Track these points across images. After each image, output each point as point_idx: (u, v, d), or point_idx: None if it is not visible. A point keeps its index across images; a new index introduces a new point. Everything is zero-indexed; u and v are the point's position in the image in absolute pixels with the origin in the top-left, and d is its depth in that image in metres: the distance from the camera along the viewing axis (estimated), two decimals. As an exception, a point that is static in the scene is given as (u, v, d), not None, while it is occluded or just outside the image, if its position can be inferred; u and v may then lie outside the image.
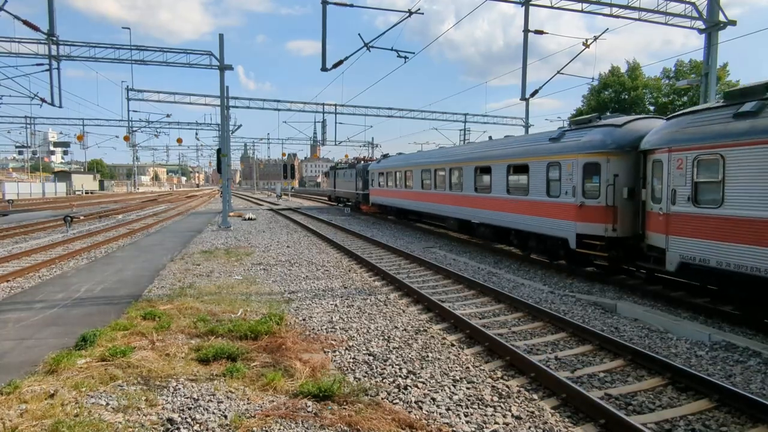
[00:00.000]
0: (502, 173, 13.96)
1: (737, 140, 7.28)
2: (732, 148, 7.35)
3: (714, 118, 7.81)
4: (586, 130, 11.17)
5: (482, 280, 10.83)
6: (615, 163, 10.18)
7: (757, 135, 7.01)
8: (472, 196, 15.88)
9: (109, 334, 6.38)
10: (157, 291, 9.18)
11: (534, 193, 12.40)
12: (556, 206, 11.50)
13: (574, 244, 10.90)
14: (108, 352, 5.67)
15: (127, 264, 12.10)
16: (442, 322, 7.74)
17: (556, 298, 9.30)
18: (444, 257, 14.08)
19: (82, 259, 13.27)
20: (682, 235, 8.24)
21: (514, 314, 8.30)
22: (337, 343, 6.46)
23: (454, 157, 17.75)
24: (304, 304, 8.52)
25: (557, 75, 22.21)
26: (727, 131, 7.47)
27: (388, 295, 9.35)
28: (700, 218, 7.93)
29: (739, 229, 7.20)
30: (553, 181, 11.70)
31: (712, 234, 7.65)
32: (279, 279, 10.63)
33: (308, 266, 12.28)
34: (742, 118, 7.27)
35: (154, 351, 5.91)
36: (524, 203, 12.77)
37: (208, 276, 10.71)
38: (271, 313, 7.49)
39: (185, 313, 7.54)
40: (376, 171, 28.22)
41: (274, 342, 6.26)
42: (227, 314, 7.59)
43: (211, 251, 14.30)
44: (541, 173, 12.13)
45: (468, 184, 16.18)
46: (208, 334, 6.56)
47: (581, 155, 10.79)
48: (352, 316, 7.83)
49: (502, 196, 13.92)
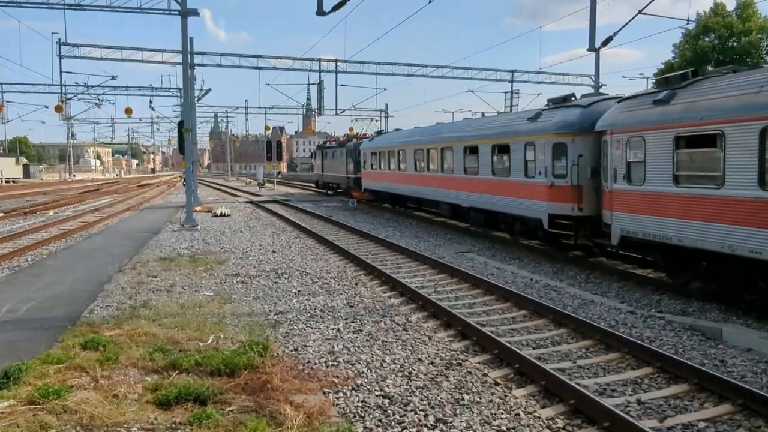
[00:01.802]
0: (488, 154, 17.43)
1: (652, 125, 10.68)
2: (649, 132, 10.78)
3: (642, 103, 11.27)
4: (558, 110, 14.55)
5: (537, 296, 10.78)
6: (579, 144, 13.48)
7: (665, 121, 10.38)
8: (461, 179, 19.34)
9: (39, 368, 6.48)
10: (102, 311, 9.30)
11: (515, 174, 15.88)
12: (532, 187, 14.93)
13: (547, 224, 14.21)
14: (38, 393, 5.76)
15: (61, 275, 12.29)
16: (481, 354, 7.72)
17: (637, 321, 9.22)
18: (484, 265, 14.06)
19: (1, 269, 13.52)
20: (621, 210, 11.71)
21: (580, 342, 8.24)
22: (340, 381, 6.48)
23: (445, 135, 21.29)
24: (296, 328, 8.56)
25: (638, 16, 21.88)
26: (646, 117, 10.89)
27: (409, 316, 9.36)
28: (632, 194, 11.40)
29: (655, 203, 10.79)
30: (530, 161, 15.06)
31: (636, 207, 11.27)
32: (262, 295, 10.70)
33: (301, 278, 12.33)
34: (658, 104, 10.65)
35: (98, 391, 5.99)
36: (507, 184, 16.29)
37: (168, 291, 10.82)
38: (252, 340, 7.53)
39: (138, 341, 7.63)
40: (369, 151, 31.24)
41: (256, 379, 6.30)
42: (194, 342, 7.65)
43: (172, 258, 14.46)
44: (520, 153, 15.54)
45: (458, 166, 19.60)
46: (169, 368, 6.62)
47: (551, 135, 14.15)
48: (361, 344, 7.84)
49: (488, 178, 17.45)
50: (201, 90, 46.08)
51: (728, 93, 9.37)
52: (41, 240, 17.80)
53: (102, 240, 18.18)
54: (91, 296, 10.38)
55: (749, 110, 8.77)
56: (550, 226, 14.19)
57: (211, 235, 19.43)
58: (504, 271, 13.33)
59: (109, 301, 9.98)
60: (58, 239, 18.45)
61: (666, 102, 10.54)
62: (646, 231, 10.99)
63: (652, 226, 10.85)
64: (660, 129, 10.56)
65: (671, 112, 10.36)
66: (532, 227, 15.51)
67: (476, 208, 18.55)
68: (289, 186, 60.73)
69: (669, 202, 10.41)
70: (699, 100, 9.86)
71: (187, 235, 19.14)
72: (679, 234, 10.16)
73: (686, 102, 10.16)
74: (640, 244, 11.41)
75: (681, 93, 10.46)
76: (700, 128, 9.71)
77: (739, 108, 8.95)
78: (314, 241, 18.22)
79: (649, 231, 10.90)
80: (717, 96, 9.54)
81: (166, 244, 17.17)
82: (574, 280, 12.39)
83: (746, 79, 9.36)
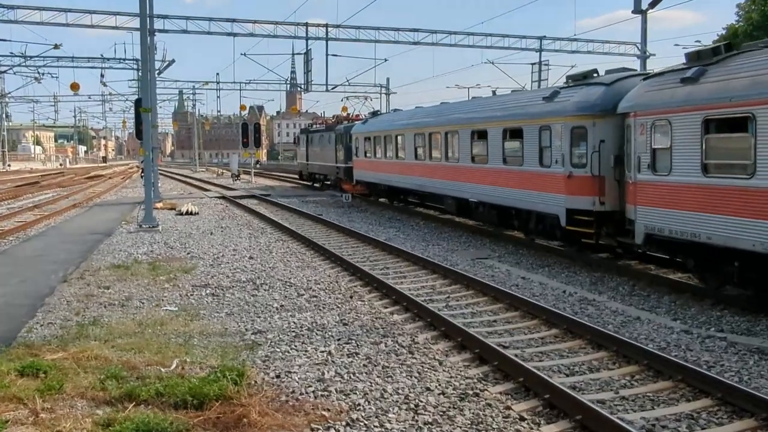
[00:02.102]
0: (498, 139, 17.88)
1: (680, 106, 11.02)
2: (676, 114, 11.13)
3: (669, 82, 11.62)
4: (578, 88, 14.92)
5: (571, 312, 10.77)
6: (601, 127, 13.72)
7: (692, 102, 10.70)
8: (468, 168, 19.89)
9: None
10: (42, 330, 9.30)
11: (528, 162, 16.32)
12: (548, 177, 15.33)
13: (565, 220, 14.57)
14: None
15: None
16: (503, 382, 7.71)
17: (693, 341, 9.20)
18: (507, 274, 14.05)
19: None
20: (646, 204, 11.99)
21: (623, 368, 8.23)
22: (332, 416, 6.48)
23: (449, 117, 21.75)
24: (278, 351, 8.55)
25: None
26: (673, 97, 11.24)
27: (415, 336, 9.35)
28: (657, 186, 11.74)
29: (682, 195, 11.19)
30: (546, 148, 15.46)
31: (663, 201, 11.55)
32: (237, 311, 10.69)
33: (284, 289, 12.33)
34: (685, 83, 10.98)
35: (38, 427, 5.99)
36: (520, 175, 16.82)
37: (122, 306, 10.83)
38: (225, 365, 7.53)
39: (87, 366, 7.61)
40: (362, 135, 31.64)
41: (230, 412, 6.30)
42: (154, 368, 7.65)
43: (128, 266, 14.48)
44: (534, 138, 15.95)
45: (464, 154, 20.19)
46: (125, 399, 6.62)
47: (569, 118, 14.44)
48: (357, 370, 7.83)
49: (499, 167, 17.93)
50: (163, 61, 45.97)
51: (759, 71, 9.78)
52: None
53: (42, 244, 18.19)
54: (29, 312, 10.36)
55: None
56: (568, 223, 14.53)
57: (176, 237, 19.44)
58: (531, 282, 13.31)
59: (51, 318, 9.97)
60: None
61: (695, 80, 10.89)
62: (674, 228, 11.38)
63: (679, 222, 11.24)
64: (688, 111, 10.93)
65: (700, 92, 10.76)
66: (549, 225, 15.86)
67: (485, 203, 18.98)
68: (270, 178, 60.77)
69: (698, 195, 10.85)
70: (731, 79, 10.22)
71: (146, 238, 19.15)
72: (708, 231, 10.59)
73: (717, 80, 10.52)
74: (667, 243, 11.87)
75: (712, 70, 10.81)
76: (730, 110, 10.13)
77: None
78: (300, 244, 18.22)
79: (677, 228, 11.30)
80: (748, 74, 9.91)
81: (120, 248, 17.18)
82: (616, 293, 12.37)
83: None
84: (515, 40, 40.42)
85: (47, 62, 47.77)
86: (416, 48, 39.78)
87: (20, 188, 43.98)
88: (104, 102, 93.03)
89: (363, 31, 37.93)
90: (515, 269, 14.66)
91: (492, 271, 14.50)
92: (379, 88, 60.26)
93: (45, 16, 32.79)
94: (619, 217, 13.40)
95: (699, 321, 10.34)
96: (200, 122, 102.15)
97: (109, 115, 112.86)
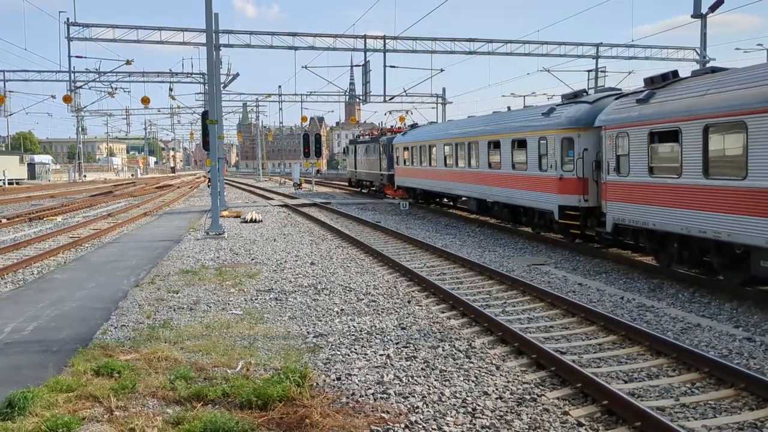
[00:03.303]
0: (508, 148, 21.10)
1: (633, 122, 14.06)
2: (631, 127, 14.14)
3: (629, 102, 14.60)
4: (569, 106, 18.07)
5: (629, 318, 10.60)
6: (584, 138, 16.80)
7: (642, 119, 13.74)
8: (485, 174, 23.19)
9: (47, 397, 6.72)
10: (116, 332, 9.59)
11: (531, 168, 19.42)
12: (545, 180, 18.44)
13: (558, 215, 17.71)
14: (45, 425, 5.97)
15: (71, 291, 12.74)
16: (560, 387, 7.61)
17: (756, 349, 8.92)
18: (563, 280, 13.88)
19: (5, 282, 14.13)
20: (613, 199, 15.03)
21: (683, 375, 8.03)
22: (391, 418, 6.50)
23: (471, 130, 25.16)
24: (338, 354, 8.62)
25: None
26: (630, 114, 14.26)
27: (472, 341, 9.30)
28: (620, 185, 14.71)
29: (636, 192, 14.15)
30: (543, 155, 18.59)
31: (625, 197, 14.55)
32: (299, 314, 10.83)
33: (344, 294, 12.42)
34: (639, 103, 13.98)
35: (112, 424, 6.17)
36: (525, 178, 19.91)
37: (191, 309, 11.08)
38: (287, 367, 7.63)
39: (158, 367, 7.83)
40: (401, 146, 35.68)
41: (292, 413, 6.38)
42: (221, 369, 7.81)
43: (196, 271, 14.81)
44: (535, 148, 19.10)
45: (483, 161, 23.43)
46: (193, 399, 6.77)
47: (561, 130, 17.66)
48: (415, 374, 7.84)
49: (509, 172, 21.08)
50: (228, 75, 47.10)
51: (684, 95, 12.72)
52: (48, 250, 18.50)
53: (116, 250, 18.75)
54: (104, 314, 10.72)
55: (693, 112, 12.15)
56: (560, 217, 17.69)
57: (241, 244, 19.78)
58: (588, 288, 13.11)
59: (124, 320, 10.28)
60: (67, 249, 19.14)
61: (645, 101, 13.86)
62: (632, 218, 14.33)
63: (636, 213, 14.18)
64: (639, 125, 13.94)
65: (648, 111, 13.69)
66: (547, 220, 18.99)
67: (499, 203, 22.23)
68: (330, 186, 61.32)
69: (646, 191, 13.80)
70: (668, 101, 13.14)
71: (213, 245, 19.56)
72: (653, 220, 13.57)
73: (660, 102, 13.40)
74: (629, 231, 14.83)
75: (658, 93, 13.65)
76: (665, 125, 13.06)
77: (689, 109, 12.31)
78: (359, 250, 18.33)
79: (634, 218, 14.24)
80: (678, 97, 12.84)
81: (188, 254, 17.59)
82: (676, 299, 12.09)
83: (700, 83, 12.59)
84: (572, 47, 39.83)
85: (120, 77, 49.42)
86: (472, 57, 39.63)
87: (95, 198, 45.43)
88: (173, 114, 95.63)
89: (420, 42, 37.88)
90: (572, 275, 14.45)
91: (548, 277, 14.33)
92: (436, 98, 60.27)
93: (117, 33, 33.80)
94: (599, 212, 16.19)
95: (762, 329, 10.02)
96: (263, 133, 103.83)
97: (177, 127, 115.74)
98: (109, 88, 53.54)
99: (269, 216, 29.32)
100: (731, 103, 11.19)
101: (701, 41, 34.41)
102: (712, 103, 11.66)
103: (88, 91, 77.42)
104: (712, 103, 11.68)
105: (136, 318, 10.45)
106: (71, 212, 33.13)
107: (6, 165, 77.38)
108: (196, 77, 48.37)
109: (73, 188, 64.34)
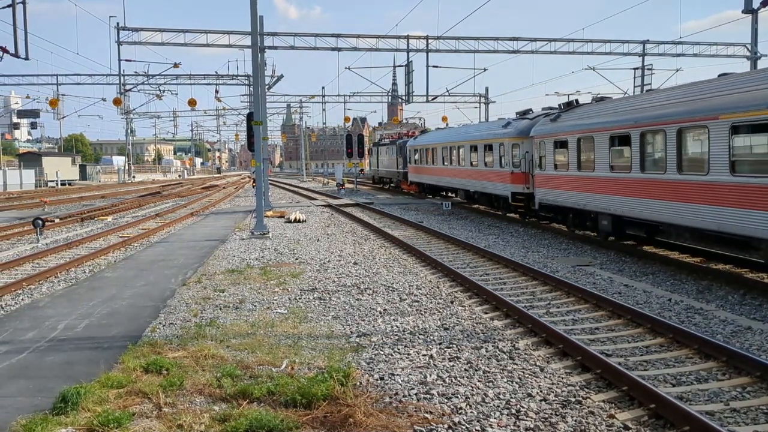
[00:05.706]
0: (482, 151, 28.95)
1: (547, 134, 21.95)
2: (546, 138, 22.01)
3: (547, 120, 22.32)
4: (519, 121, 25.78)
5: (677, 320, 10.39)
6: (526, 145, 24.18)
7: (551, 132, 21.56)
8: (468, 170, 31.07)
9: (98, 392, 6.90)
10: (164, 330, 9.78)
11: (495, 165, 26.92)
12: (503, 174, 25.91)
13: (510, 199, 25.17)
14: (97, 420, 6.13)
15: (121, 289, 13.03)
16: (606, 390, 7.49)
17: (810, 354, 8.63)
18: (608, 281, 13.67)
19: (58, 281, 14.50)
20: (539, 186, 22.65)
21: (733, 379, 7.84)
22: (434, 418, 6.48)
23: (458, 137, 33.65)
24: (381, 353, 8.64)
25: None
26: (544, 129, 22.25)
27: (516, 342, 9.23)
28: (542, 176, 22.39)
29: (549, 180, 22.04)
30: (502, 156, 26.08)
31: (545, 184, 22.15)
32: (343, 314, 10.88)
33: (387, 294, 12.44)
34: (551, 122, 21.73)
35: (161, 420, 6.30)
36: (491, 173, 27.57)
37: (236, 308, 11.23)
38: (331, 367, 7.68)
39: (205, 365, 7.96)
40: (412, 148, 43.71)
41: (336, 412, 6.41)
42: (266, 367, 7.90)
43: (241, 270, 15.00)
44: (497, 151, 26.59)
45: (465, 161, 31.40)
46: (239, 396, 6.87)
47: (512, 139, 25.26)
48: (458, 374, 7.82)
49: (482, 169, 28.77)
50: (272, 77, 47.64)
51: (572, 118, 20.20)
52: (99, 249, 18.95)
53: (164, 249, 19.13)
54: (152, 313, 10.95)
55: (573, 128, 19.72)
56: (512, 201, 25.06)
57: (285, 243, 19.98)
58: (634, 290, 12.88)
59: (172, 319, 10.47)
60: (116, 248, 19.59)
61: (554, 121, 21.38)
62: (548, 198, 21.60)
63: (549, 194, 21.50)
64: (549, 137, 21.60)
65: (554, 127, 21.24)
66: (504, 203, 26.32)
67: (479, 192, 29.72)
68: (372, 186, 61.44)
69: (552, 179, 21.32)
70: (565, 122, 20.49)
71: (258, 244, 19.79)
72: (555, 198, 20.97)
73: (561, 122, 20.78)
74: (548, 207, 21.85)
75: (563, 115, 21.01)
76: (562, 137, 20.53)
77: (571, 127, 19.91)
78: (402, 251, 18.34)
79: (549, 198, 21.50)
80: (569, 119, 20.32)
81: (234, 254, 17.83)
82: (725, 302, 11.79)
83: (583, 110, 20.07)
84: (617, 45, 39.09)
85: (167, 80, 50.36)
86: (515, 56, 39.33)
87: (144, 198, 46.36)
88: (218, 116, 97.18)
89: (462, 41, 37.61)
90: (617, 276, 14.22)
91: (593, 278, 14.12)
92: (479, 98, 59.96)
93: (165, 36, 34.42)
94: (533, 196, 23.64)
95: (816, 332, 9.71)
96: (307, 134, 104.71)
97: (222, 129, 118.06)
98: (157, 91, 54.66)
99: (313, 216, 29.55)
100: (589, 125, 18.67)
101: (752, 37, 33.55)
102: (580, 126, 19.30)
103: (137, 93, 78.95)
104: (580, 125, 19.29)
105: (183, 316, 10.64)
106: (121, 212, 33.90)
107: (59, 166, 79.54)
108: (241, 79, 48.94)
109: (123, 189, 65.78)
